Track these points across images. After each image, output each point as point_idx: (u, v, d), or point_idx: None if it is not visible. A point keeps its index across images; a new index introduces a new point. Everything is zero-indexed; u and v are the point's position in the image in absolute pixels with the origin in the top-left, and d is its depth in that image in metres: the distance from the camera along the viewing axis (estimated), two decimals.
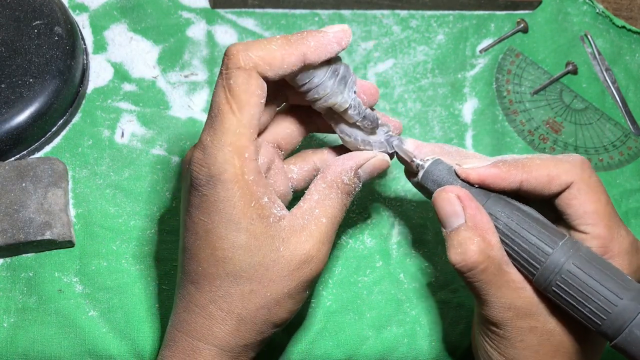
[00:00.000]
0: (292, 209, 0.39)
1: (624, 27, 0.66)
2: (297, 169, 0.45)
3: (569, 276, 0.36)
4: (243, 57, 0.36)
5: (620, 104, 0.64)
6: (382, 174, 0.49)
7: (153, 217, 0.53)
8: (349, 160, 0.40)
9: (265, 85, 0.37)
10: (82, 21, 0.59)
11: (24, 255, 0.51)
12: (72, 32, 0.55)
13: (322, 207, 0.39)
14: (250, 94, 0.36)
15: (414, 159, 0.42)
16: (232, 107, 0.36)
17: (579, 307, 0.36)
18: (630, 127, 0.63)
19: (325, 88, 0.39)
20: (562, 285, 0.37)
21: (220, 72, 0.36)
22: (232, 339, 0.38)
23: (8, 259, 0.51)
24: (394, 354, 0.52)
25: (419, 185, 0.44)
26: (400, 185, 0.57)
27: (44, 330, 0.49)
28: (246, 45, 0.36)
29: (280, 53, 0.36)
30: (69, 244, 0.51)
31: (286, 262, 0.37)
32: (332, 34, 0.38)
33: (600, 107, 0.63)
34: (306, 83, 0.39)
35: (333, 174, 0.40)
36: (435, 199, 0.40)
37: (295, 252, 0.37)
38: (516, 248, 0.38)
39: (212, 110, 0.37)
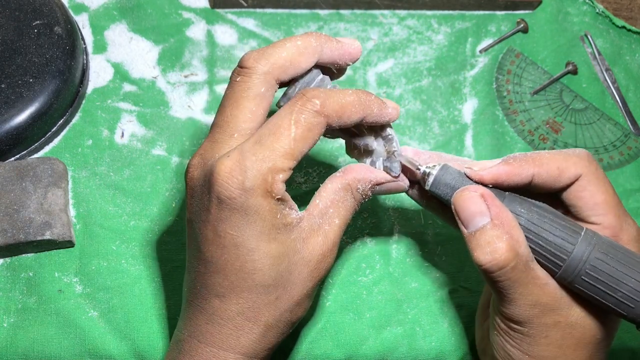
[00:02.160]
0: (308, 206, 0.39)
1: (624, 27, 0.66)
2: None
3: (598, 264, 0.37)
4: (322, 103, 0.37)
5: (620, 104, 0.64)
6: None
7: (153, 218, 0.53)
8: (371, 174, 0.41)
9: (325, 129, 0.39)
10: (82, 21, 0.59)
11: (24, 255, 0.51)
12: (72, 32, 0.55)
13: (336, 207, 0.39)
14: (312, 136, 0.37)
15: (419, 167, 0.42)
16: (292, 134, 0.36)
17: (611, 294, 0.37)
18: (630, 127, 0.63)
19: (372, 148, 0.43)
20: (592, 273, 0.37)
21: (294, 103, 0.37)
22: (259, 345, 0.39)
23: (8, 259, 0.51)
24: (393, 354, 0.52)
25: (422, 196, 0.44)
26: None
27: (43, 330, 0.49)
28: (327, 93, 0.38)
29: (350, 109, 0.39)
30: (69, 244, 0.51)
31: (305, 263, 0.38)
32: (391, 106, 0.41)
33: (600, 107, 0.63)
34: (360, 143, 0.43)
35: (352, 180, 0.40)
36: (457, 200, 0.40)
37: (313, 253, 0.38)
38: (541, 243, 0.39)
39: (268, 127, 0.37)
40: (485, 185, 0.40)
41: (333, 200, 0.39)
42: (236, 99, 0.38)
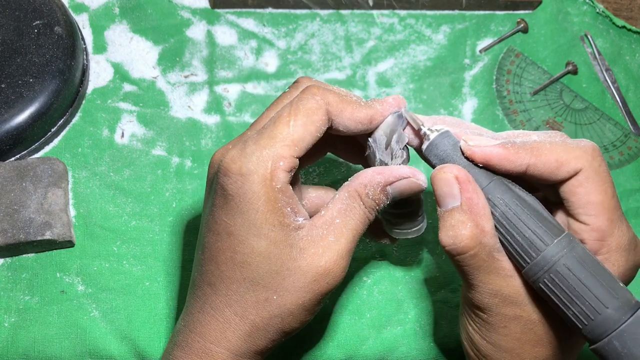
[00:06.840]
0: (313, 217, 0.38)
1: (624, 27, 0.66)
2: (314, 194, 0.45)
3: (558, 276, 0.36)
4: (321, 94, 0.38)
5: (620, 104, 0.64)
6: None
7: (153, 218, 0.53)
8: (378, 175, 0.39)
9: (327, 125, 0.38)
10: (82, 21, 0.59)
11: (25, 255, 0.51)
12: (72, 32, 0.55)
13: (343, 217, 0.38)
14: (312, 122, 0.37)
15: (422, 126, 0.40)
16: (290, 121, 0.37)
17: (563, 308, 0.36)
18: (630, 127, 0.63)
19: (381, 155, 0.41)
20: (549, 284, 0.36)
21: (295, 94, 0.39)
22: (244, 344, 0.38)
23: (9, 259, 0.51)
24: (394, 354, 0.52)
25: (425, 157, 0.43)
26: None
27: (44, 330, 0.49)
28: (326, 87, 0.39)
29: (352, 107, 0.39)
30: (69, 244, 0.51)
31: (302, 273, 0.37)
32: (391, 99, 0.41)
33: (600, 107, 0.63)
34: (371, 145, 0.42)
35: (358, 186, 0.38)
36: (432, 177, 0.39)
37: (312, 264, 0.37)
38: (509, 238, 0.37)
39: (272, 118, 0.38)
40: (475, 163, 0.39)
41: (340, 210, 0.38)
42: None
